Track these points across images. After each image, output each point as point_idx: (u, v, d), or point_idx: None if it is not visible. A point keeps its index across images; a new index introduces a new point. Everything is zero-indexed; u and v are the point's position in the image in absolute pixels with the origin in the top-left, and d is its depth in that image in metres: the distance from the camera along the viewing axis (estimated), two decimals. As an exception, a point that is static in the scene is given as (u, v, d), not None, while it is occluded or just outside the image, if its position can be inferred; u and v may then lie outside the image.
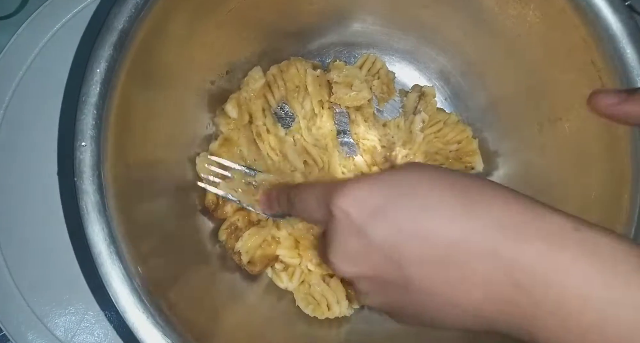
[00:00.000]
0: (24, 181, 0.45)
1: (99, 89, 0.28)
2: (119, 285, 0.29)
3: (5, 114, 0.46)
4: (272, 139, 0.44)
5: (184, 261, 0.39)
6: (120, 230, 0.30)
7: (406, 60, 0.48)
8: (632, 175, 0.35)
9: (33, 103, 0.46)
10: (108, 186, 0.29)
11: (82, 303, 0.44)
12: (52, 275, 0.44)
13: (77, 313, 0.44)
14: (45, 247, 0.44)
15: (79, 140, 0.28)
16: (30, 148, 0.45)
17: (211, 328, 0.35)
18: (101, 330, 0.44)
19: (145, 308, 0.29)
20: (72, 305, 0.44)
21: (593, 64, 0.35)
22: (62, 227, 0.44)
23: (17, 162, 0.45)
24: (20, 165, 0.45)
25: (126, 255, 0.30)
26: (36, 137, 0.45)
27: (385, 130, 0.46)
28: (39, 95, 0.46)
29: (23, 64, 0.46)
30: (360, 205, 0.24)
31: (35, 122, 0.46)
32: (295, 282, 0.43)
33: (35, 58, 0.46)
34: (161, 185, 0.38)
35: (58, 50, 0.46)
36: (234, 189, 0.41)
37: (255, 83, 0.43)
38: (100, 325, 0.44)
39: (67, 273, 0.44)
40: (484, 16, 0.40)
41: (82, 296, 0.43)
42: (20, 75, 0.46)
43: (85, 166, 0.28)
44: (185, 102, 0.40)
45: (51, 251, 0.44)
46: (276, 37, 0.44)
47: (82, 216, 0.28)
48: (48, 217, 0.44)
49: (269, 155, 0.44)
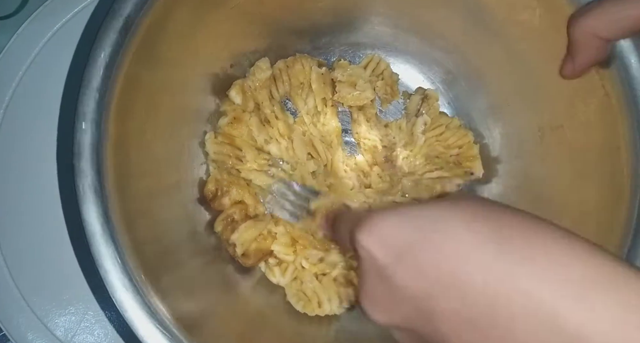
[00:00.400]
0: (25, 181, 0.45)
1: (102, 72, 0.29)
2: (111, 267, 0.29)
3: (5, 114, 0.45)
4: (281, 125, 0.44)
5: (178, 249, 0.39)
6: (115, 213, 0.30)
7: (410, 63, 0.48)
8: (630, 187, 0.35)
9: (33, 103, 0.46)
10: (106, 169, 0.30)
11: (82, 303, 0.44)
12: (52, 275, 0.44)
13: (77, 313, 0.44)
14: (45, 247, 0.44)
15: (80, 121, 0.28)
16: (31, 148, 0.45)
17: (201, 318, 0.36)
18: (101, 330, 0.44)
19: (135, 289, 0.29)
20: (72, 305, 0.44)
21: (597, 72, 0.35)
22: (62, 227, 0.44)
23: (17, 162, 0.45)
24: (21, 165, 0.45)
25: (120, 238, 0.31)
26: (36, 137, 0.45)
27: (387, 130, 0.46)
28: (39, 95, 0.46)
29: (23, 64, 0.46)
30: (386, 246, 0.21)
31: (35, 122, 0.46)
32: (287, 278, 0.43)
33: (35, 58, 0.46)
34: (161, 171, 0.38)
35: (58, 50, 0.46)
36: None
37: (261, 73, 0.44)
38: (100, 325, 0.44)
39: (67, 273, 0.44)
40: (489, 21, 0.40)
41: (82, 296, 0.44)
42: (20, 75, 0.46)
43: (84, 148, 0.28)
44: (189, 87, 0.40)
45: (51, 251, 0.44)
46: (281, 34, 0.44)
47: (78, 196, 0.29)
48: (48, 217, 0.44)
49: (278, 140, 0.45)
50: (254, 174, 0.44)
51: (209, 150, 0.44)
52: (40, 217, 0.45)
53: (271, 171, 0.45)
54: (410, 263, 0.20)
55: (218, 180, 0.43)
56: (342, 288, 0.43)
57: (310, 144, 0.45)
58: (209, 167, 0.44)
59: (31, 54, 0.46)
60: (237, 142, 0.44)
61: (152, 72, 0.34)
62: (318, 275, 0.44)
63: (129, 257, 0.31)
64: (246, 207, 0.43)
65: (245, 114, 0.44)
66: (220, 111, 0.44)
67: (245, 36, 0.42)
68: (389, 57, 0.48)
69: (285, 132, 0.45)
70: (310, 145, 0.45)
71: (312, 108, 0.45)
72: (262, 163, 0.44)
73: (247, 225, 0.42)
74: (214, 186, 0.43)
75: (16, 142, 0.46)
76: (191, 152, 0.42)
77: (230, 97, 0.44)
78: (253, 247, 0.42)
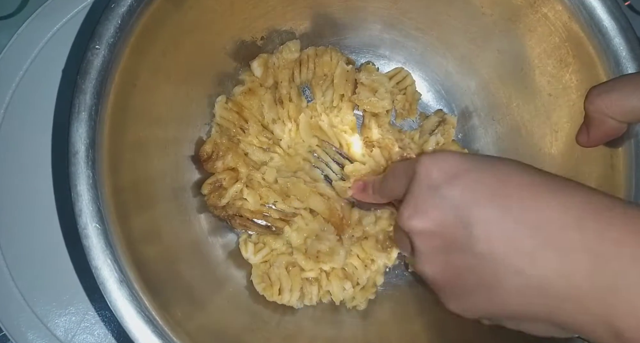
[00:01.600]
0: (25, 181, 0.45)
1: (130, 1, 0.29)
2: (85, 193, 0.30)
3: (5, 114, 0.46)
4: (292, 108, 0.45)
5: (157, 198, 0.39)
6: (103, 147, 0.31)
7: (435, 89, 0.48)
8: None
9: (33, 103, 0.46)
10: (107, 94, 0.30)
11: (82, 303, 0.44)
12: (52, 276, 0.44)
13: (77, 313, 0.44)
14: (45, 247, 0.45)
15: (94, 42, 0.28)
16: (31, 148, 0.45)
17: (166, 272, 0.36)
18: (101, 330, 0.44)
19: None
20: (72, 305, 0.44)
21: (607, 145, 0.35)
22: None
23: (17, 162, 0.45)
24: (21, 165, 0.45)
25: (101, 167, 0.31)
26: (37, 136, 0.45)
27: (401, 135, 0.46)
28: (39, 95, 0.46)
29: (23, 64, 0.46)
30: (444, 166, 0.24)
31: (35, 122, 0.46)
32: (258, 258, 0.43)
33: (35, 58, 0.46)
34: (162, 117, 0.38)
35: (58, 51, 0.46)
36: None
37: (289, 54, 0.44)
38: (100, 325, 0.44)
39: (67, 273, 0.44)
40: (523, 66, 0.40)
41: (82, 296, 0.44)
42: (20, 75, 0.46)
43: (91, 68, 0.29)
44: (214, 43, 0.40)
45: (51, 251, 0.44)
46: (321, 22, 0.44)
47: (71, 114, 0.29)
48: (49, 217, 0.44)
49: (285, 122, 0.45)
50: (251, 148, 0.44)
51: (216, 113, 0.44)
52: (41, 217, 0.45)
53: (269, 150, 0.45)
54: (463, 181, 0.24)
55: (217, 144, 0.43)
56: (307, 285, 0.43)
57: (318, 128, 0.45)
58: (211, 128, 0.44)
59: (31, 54, 0.46)
60: (245, 113, 0.44)
61: (181, 13, 0.34)
62: (289, 266, 0.44)
63: (109, 198, 0.31)
64: (237, 175, 0.44)
65: (262, 88, 0.44)
66: (238, 78, 0.44)
67: (285, 13, 0.42)
68: (417, 77, 0.48)
69: (294, 115, 0.45)
70: (317, 128, 0.45)
71: (328, 101, 0.45)
72: (263, 140, 0.45)
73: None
74: (211, 148, 0.43)
75: (16, 142, 0.46)
76: (198, 109, 0.43)
77: (252, 67, 0.44)
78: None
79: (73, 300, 0.44)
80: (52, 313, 0.44)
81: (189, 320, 0.33)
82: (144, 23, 0.31)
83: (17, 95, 0.46)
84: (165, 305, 0.31)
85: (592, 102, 0.32)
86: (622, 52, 0.34)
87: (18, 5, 0.49)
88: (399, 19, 0.44)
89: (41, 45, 0.46)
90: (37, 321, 0.43)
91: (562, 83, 0.38)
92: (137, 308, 0.30)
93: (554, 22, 0.37)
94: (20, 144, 0.46)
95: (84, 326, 0.44)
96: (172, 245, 0.38)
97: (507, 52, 0.41)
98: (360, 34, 0.46)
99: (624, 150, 0.35)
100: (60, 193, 0.45)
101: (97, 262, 0.30)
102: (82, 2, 0.47)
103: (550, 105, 0.40)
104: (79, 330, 0.43)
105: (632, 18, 0.52)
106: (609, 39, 0.35)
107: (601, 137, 0.34)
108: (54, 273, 0.44)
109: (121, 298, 0.30)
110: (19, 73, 0.46)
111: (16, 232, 0.44)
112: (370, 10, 0.44)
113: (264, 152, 0.45)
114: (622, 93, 0.31)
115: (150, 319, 0.30)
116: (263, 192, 0.44)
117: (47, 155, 0.45)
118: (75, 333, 0.43)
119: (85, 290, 0.44)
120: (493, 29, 0.40)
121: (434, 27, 0.44)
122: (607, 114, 0.32)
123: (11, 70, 0.46)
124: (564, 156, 0.38)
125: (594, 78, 0.36)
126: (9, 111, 0.46)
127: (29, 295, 0.44)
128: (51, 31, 0.46)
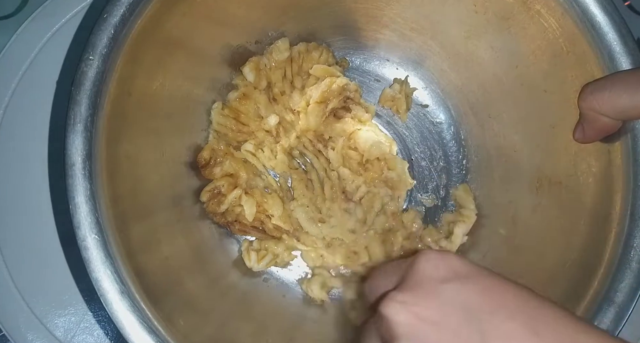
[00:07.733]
0: (25, 181, 0.45)
1: (122, 11, 0.29)
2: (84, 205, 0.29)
3: (5, 114, 0.46)
4: (286, 100, 0.45)
5: (156, 207, 0.39)
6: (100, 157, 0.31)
7: (431, 88, 0.48)
8: (609, 257, 0.35)
9: (33, 103, 0.46)
10: (102, 104, 0.30)
11: (82, 303, 0.44)
12: (51, 276, 0.44)
13: (76, 314, 0.44)
14: (45, 248, 0.44)
15: (88, 52, 0.28)
16: (31, 148, 0.45)
17: (168, 282, 0.36)
18: (101, 331, 0.44)
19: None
20: (72, 306, 0.44)
21: (605, 140, 0.35)
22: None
23: (17, 162, 0.45)
24: (21, 165, 0.45)
25: (98, 178, 0.31)
26: (37, 136, 0.45)
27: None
28: (39, 95, 0.46)
29: (23, 63, 0.46)
30: (454, 265, 0.24)
31: (35, 122, 0.46)
32: (261, 265, 0.43)
33: (35, 58, 0.46)
34: (159, 123, 0.38)
35: (58, 50, 0.46)
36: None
37: (279, 54, 0.44)
38: (100, 325, 0.44)
39: (66, 274, 0.44)
40: (517, 63, 0.40)
41: (81, 297, 0.44)
42: (20, 75, 0.46)
43: (86, 79, 0.29)
44: (208, 50, 0.40)
45: (51, 252, 0.44)
46: (315, 24, 0.44)
47: (67, 126, 0.29)
48: (48, 217, 0.44)
49: (284, 116, 0.45)
50: (250, 157, 0.44)
51: (213, 120, 0.44)
52: (41, 217, 0.45)
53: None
54: (468, 281, 0.23)
55: (214, 150, 0.43)
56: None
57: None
58: (209, 135, 0.44)
59: (31, 54, 0.46)
60: (242, 118, 0.44)
61: (174, 21, 0.34)
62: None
63: (108, 208, 0.31)
64: (236, 181, 0.43)
65: (256, 91, 0.44)
66: (232, 83, 0.44)
67: (278, 16, 0.42)
68: (412, 75, 0.48)
69: (289, 105, 0.45)
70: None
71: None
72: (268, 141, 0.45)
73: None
74: (209, 155, 0.43)
75: (16, 141, 0.46)
76: (195, 115, 0.43)
77: (244, 72, 0.44)
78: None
79: (72, 300, 0.44)
80: (52, 314, 0.44)
81: (193, 330, 0.33)
82: (137, 32, 0.30)
83: (17, 95, 0.46)
84: (168, 315, 0.31)
85: (585, 100, 0.33)
86: (615, 47, 0.34)
87: (17, 6, 0.49)
88: (393, 19, 0.44)
89: (41, 45, 0.46)
90: (36, 321, 0.43)
91: (557, 79, 0.38)
92: (140, 319, 0.30)
93: (547, 19, 0.37)
94: (18, 144, 0.46)
95: (83, 326, 0.44)
96: (173, 254, 0.38)
97: (501, 49, 0.41)
98: (355, 35, 0.46)
99: (621, 145, 0.35)
100: (57, 195, 0.45)
101: (97, 273, 0.29)
102: (82, 2, 0.47)
103: (546, 101, 0.40)
104: (78, 330, 0.43)
105: (632, 18, 0.52)
106: (603, 34, 0.35)
107: (596, 133, 0.34)
108: (53, 274, 0.44)
109: (123, 310, 0.29)
110: (19, 73, 0.46)
111: (15, 233, 0.44)
112: (364, 11, 0.44)
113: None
114: (613, 91, 0.31)
115: (153, 330, 0.30)
116: (262, 202, 0.43)
117: (46, 155, 0.45)
118: (75, 333, 0.43)
119: (81, 291, 0.44)
120: (487, 27, 0.40)
121: (427, 26, 0.44)
122: (600, 112, 0.32)
123: (11, 70, 0.46)
124: (562, 152, 0.38)
125: (588, 73, 0.36)
126: (8, 111, 0.46)
127: (29, 296, 0.44)
128: (50, 31, 0.46)
